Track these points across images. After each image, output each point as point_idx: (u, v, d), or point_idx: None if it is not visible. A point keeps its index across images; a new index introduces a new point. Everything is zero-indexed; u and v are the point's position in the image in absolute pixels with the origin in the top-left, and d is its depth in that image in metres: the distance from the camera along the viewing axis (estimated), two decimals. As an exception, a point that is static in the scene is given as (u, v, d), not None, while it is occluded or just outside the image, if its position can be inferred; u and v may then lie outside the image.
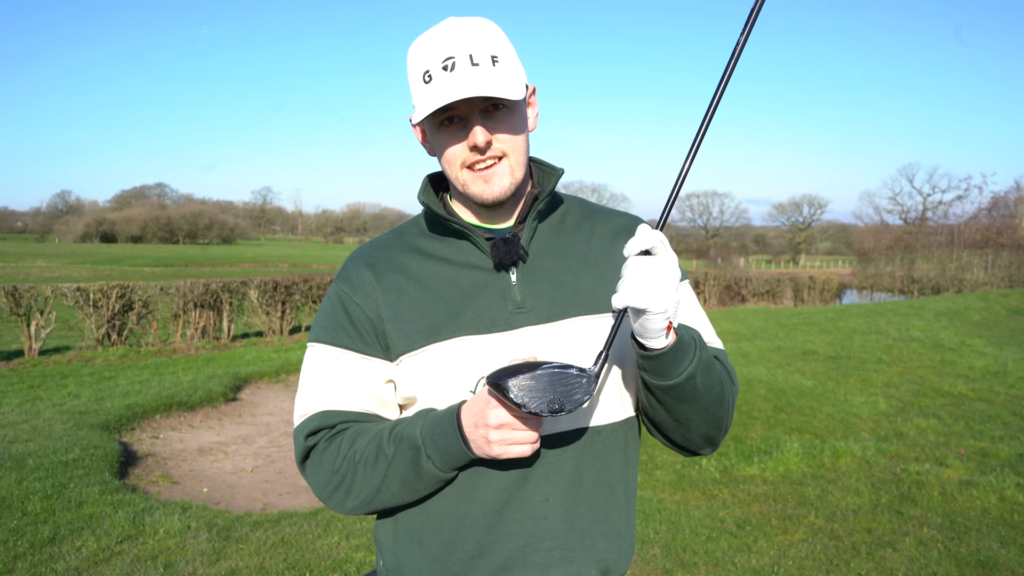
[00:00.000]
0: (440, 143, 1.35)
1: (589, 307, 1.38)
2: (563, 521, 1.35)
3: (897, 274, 38.64)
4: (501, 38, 1.34)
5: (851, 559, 4.42)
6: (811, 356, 12.25)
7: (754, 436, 7.05)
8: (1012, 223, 42.79)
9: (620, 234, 1.46)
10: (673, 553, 4.49)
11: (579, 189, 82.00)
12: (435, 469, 1.30)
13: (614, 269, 1.40)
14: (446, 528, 1.36)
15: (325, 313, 1.45)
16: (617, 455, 1.42)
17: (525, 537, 1.35)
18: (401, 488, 1.34)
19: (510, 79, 1.31)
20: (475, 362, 1.33)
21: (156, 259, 54.50)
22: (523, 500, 1.34)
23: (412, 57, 1.34)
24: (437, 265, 1.40)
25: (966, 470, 6.05)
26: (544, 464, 1.35)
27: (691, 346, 1.28)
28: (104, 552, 4.28)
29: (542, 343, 1.35)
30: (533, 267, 1.39)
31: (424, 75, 1.30)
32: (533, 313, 1.36)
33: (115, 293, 12.86)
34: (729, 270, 38.93)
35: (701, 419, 1.36)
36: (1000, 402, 8.76)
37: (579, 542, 1.37)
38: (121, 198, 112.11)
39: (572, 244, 1.44)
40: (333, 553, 4.36)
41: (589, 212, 1.51)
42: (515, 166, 1.36)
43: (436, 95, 1.28)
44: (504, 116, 1.33)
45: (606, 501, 1.40)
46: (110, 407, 7.74)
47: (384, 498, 1.36)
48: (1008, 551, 4.48)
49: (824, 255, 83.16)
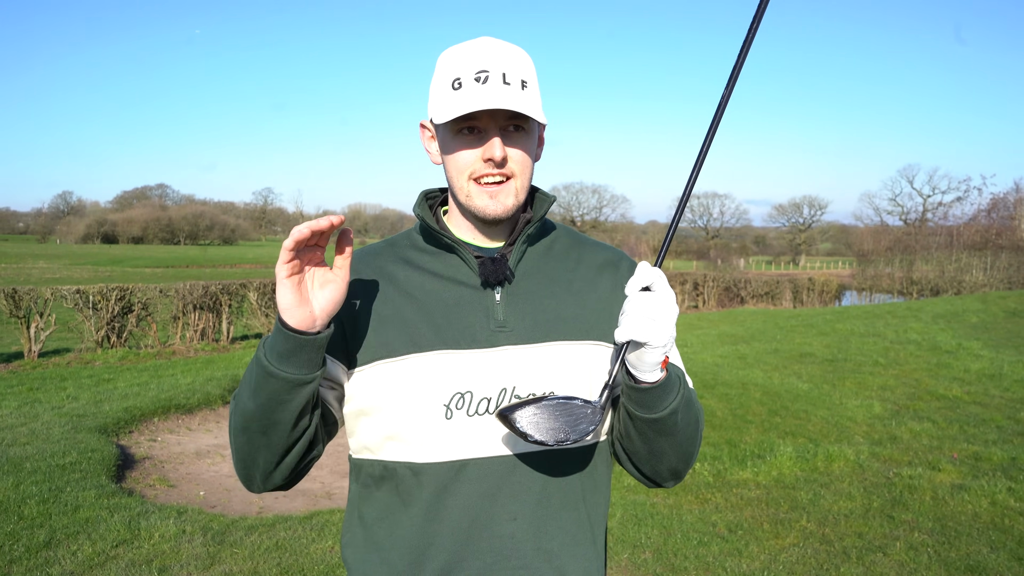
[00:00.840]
0: (453, 150, 1.37)
1: (569, 333, 1.41)
2: (531, 540, 1.36)
3: (896, 275, 38.64)
4: (532, 68, 1.39)
5: (841, 564, 4.45)
6: (808, 359, 12.27)
7: (748, 440, 7.08)
8: (1011, 225, 42.77)
9: (605, 267, 1.51)
10: (664, 558, 4.52)
11: (579, 190, 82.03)
12: (264, 360, 1.25)
13: (596, 299, 1.46)
14: (415, 547, 1.36)
15: None
16: (585, 478, 1.44)
17: (493, 555, 1.35)
18: (248, 397, 1.29)
19: (536, 104, 1.37)
20: (452, 376, 1.34)
21: (157, 260, 54.57)
22: (491, 518, 1.35)
23: (444, 63, 1.37)
24: (424, 277, 1.41)
25: (958, 474, 6.08)
26: (512, 483, 1.36)
27: (676, 382, 1.34)
28: (99, 556, 4.31)
29: (520, 363, 1.37)
30: (518, 288, 1.42)
31: (454, 82, 1.33)
32: (514, 333, 1.38)
33: (114, 295, 12.90)
34: (729, 271, 38.95)
35: (674, 453, 1.40)
36: (995, 405, 8.79)
37: (546, 562, 1.38)
38: (122, 199, 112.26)
39: (558, 271, 1.47)
40: (326, 557, 4.40)
41: (576, 242, 1.55)
42: (520, 188, 1.39)
43: (467, 101, 1.30)
44: (521, 138, 1.37)
45: (573, 522, 1.41)
46: (108, 410, 7.78)
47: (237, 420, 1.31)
48: (998, 556, 4.51)
49: (824, 256, 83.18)
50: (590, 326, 1.43)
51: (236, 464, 1.37)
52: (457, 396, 1.34)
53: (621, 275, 1.50)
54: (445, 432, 1.33)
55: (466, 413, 1.34)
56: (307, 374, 1.25)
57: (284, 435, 1.29)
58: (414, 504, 1.36)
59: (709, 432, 7.31)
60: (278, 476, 1.35)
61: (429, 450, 1.34)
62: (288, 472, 1.35)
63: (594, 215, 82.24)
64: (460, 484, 1.34)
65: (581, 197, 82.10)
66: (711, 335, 16.48)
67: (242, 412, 1.30)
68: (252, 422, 1.28)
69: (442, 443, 1.33)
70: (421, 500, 1.36)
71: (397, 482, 1.37)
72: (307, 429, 1.31)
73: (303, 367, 1.24)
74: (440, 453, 1.34)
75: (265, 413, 1.26)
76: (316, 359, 1.26)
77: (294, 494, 5.87)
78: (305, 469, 1.40)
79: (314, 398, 1.30)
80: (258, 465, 1.33)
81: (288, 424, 1.28)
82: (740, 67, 1.34)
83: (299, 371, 1.24)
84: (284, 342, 1.23)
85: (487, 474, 1.34)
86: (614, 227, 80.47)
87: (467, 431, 1.34)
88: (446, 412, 1.33)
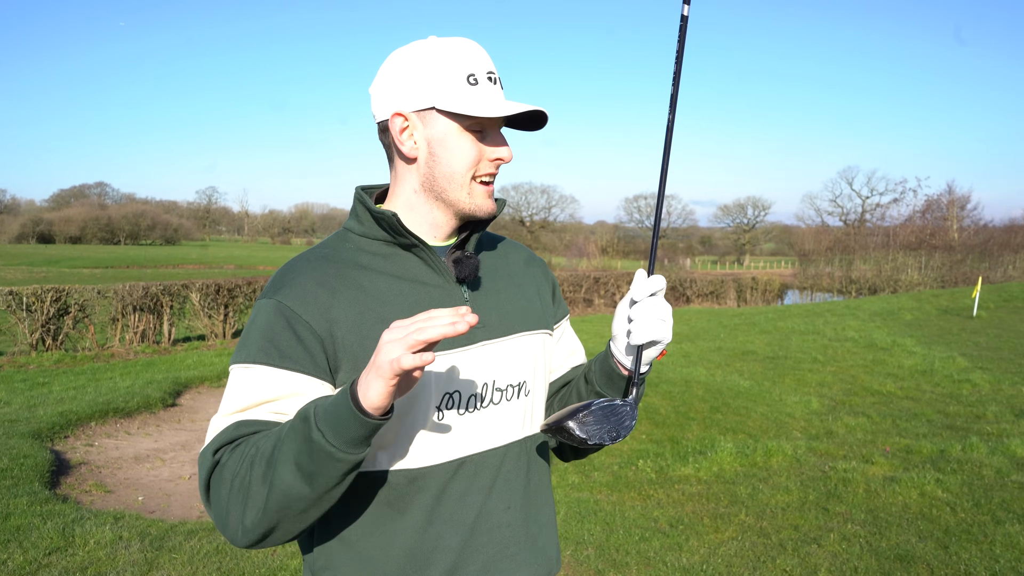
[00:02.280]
0: (458, 146, 1.35)
1: (527, 324, 1.49)
2: (522, 527, 1.44)
3: (836, 275, 39.72)
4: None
5: (777, 556, 4.57)
6: (750, 356, 12.54)
7: (690, 437, 7.21)
8: (944, 226, 44.27)
9: (529, 262, 1.61)
10: (606, 554, 4.58)
11: (529, 190, 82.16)
12: (326, 443, 1.13)
13: (534, 291, 1.56)
14: (416, 554, 1.34)
15: (261, 332, 1.30)
16: (547, 461, 1.56)
17: (495, 547, 1.40)
18: (294, 478, 1.15)
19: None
20: (440, 378, 1.34)
21: (96, 260, 53.08)
22: (490, 511, 1.39)
23: (448, 55, 1.33)
24: (388, 281, 1.37)
25: (890, 467, 6.28)
26: (504, 473, 1.42)
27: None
28: (31, 565, 4.20)
29: (498, 357, 1.42)
30: (477, 285, 1.46)
31: (469, 77, 1.34)
32: (487, 329, 1.41)
33: (50, 296, 12.54)
34: (675, 271, 39.51)
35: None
36: (926, 400, 9.11)
37: (533, 544, 1.46)
38: (59, 197, 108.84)
39: (498, 266, 1.52)
40: (268, 561, 4.35)
41: (494, 240, 1.60)
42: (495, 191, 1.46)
43: (496, 102, 1.34)
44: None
45: (546, 504, 1.52)
46: (43, 414, 7.56)
47: (277, 498, 1.17)
48: (926, 545, 4.68)
49: (768, 256, 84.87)
50: (537, 316, 1.52)
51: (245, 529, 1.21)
52: (447, 396, 1.35)
53: (541, 268, 1.63)
54: (439, 433, 1.35)
55: (456, 412, 1.36)
56: (362, 452, 1.17)
57: (321, 511, 1.21)
58: (411, 511, 1.34)
59: (652, 429, 7.42)
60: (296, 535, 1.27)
61: (425, 454, 1.34)
62: (309, 527, 1.27)
63: (543, 215, 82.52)
64: (458, 482, 1.37)
65: (530, 197, 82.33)
66: (657, 334, 16.68)
67: (286, 493, 1.16)
68: (298, 503, 1.17)
69: (437, 445, 1.35)
70: (420, 505, 1.34)
71: (388, 492, 1.34)
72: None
73: (364, 447, 1.16)
74: (436, 455, 1.35)
75: (319, 496, 1.18)
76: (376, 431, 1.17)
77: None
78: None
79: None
80: (275, 538, 1.23)
81: (334, 501, 1.21)
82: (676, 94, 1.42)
83: (364, 449, 1.17)
84: (361, 429, 1.13)
85: (482, 468, 1.39)
86: (563, 227, 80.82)
87: (459, 429, 1.37)
88: (437, 414, 1.34)
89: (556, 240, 73.42)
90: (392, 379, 1.09)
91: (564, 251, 66.42)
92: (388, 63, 1.37)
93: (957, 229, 43.92)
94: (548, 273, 1.64)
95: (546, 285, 1.60)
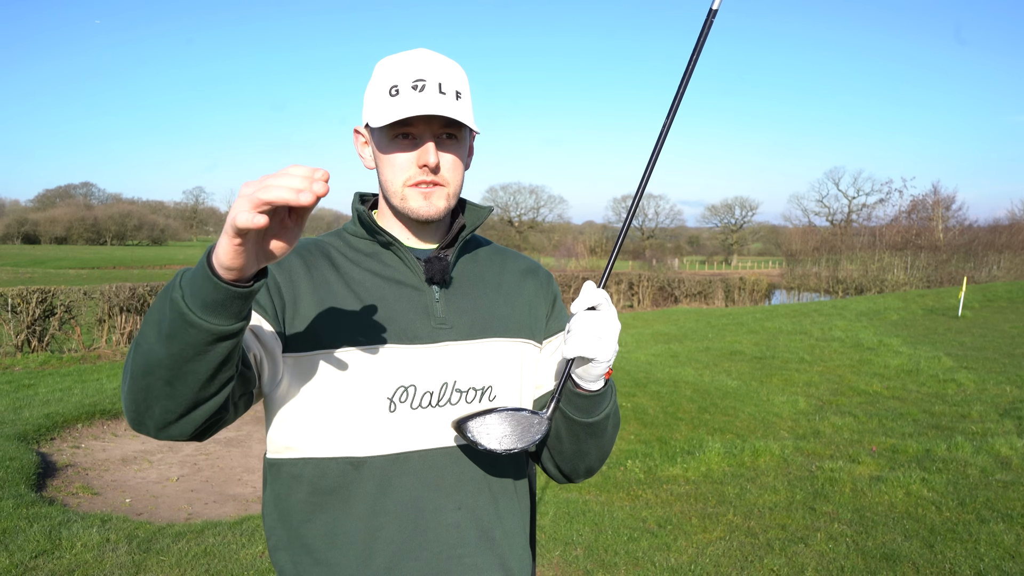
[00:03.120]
0: (388, 155, 1.41)
1: (503, 330, 1.49)
2: (474, 528, 1.42)
3: (823, 275, 39.95)
4: (466, 80, 1.44)
5: (765, 555, 4.60)
6: (738, 356, 12.60)
7: (678, 437, 7.24)
8: (929, 226, 44.54)
9: (527, 273, 1.61)
10: (595, 554, 4.60)
11: (517, 191, 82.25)
12: (182, 302, 1.07)
13: (522, 301, 1.56)
14: (357, 543, 1.36)
15: None
16: (519, 471, 1.54)
17: (440, 545, 1.39)
18: (155, 338, 1.11)
19: (470, 114, 1.43)
20: (396, 370, 1.38)
21: (82, 261, 52.73)
22: (437, 508, 1.39)
23: (381, 71, 1.41)
24: (364, 274, 1.44)
25: (876, 466, 6.33)
26: (456, 473, 1.41)
27: (612, 388, 1.46)
28: (17, 568, 4.17)
29: (461, 359, 1.43)
30: (454, 288, 1.48)
31: (391, 88, 1.37)
32: (454, 330, 1.44)
33: (35, 297, 12.44)
34: (663, 271, 39.65)
35: (596, 453, 1.51)
36: (912, 400, 9.18)
37: (489, 550, 1.43)
38: (44, 197, 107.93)
39: (487, 275, 1.55)
40: (256, 563, 4.34)
41: (499, 251, 1.63)
42: (451, 194, 1.44)
43: (404, 107, 1.35)
44: (453, 146, 1.42)
45: (510, 512, 1.50)
46: (28, 416, 7.51)
47: (141, 361, 1.13)
48: (911, 544, 4.72)
49: (755, 256, 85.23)
50: (520, 325, 1.52)
51: (127, 405, 1.19)
52: (401, 389, 1.38)
53: (540, 281, 1.61)
54: (389, 424, 1.36)
55: (409, 406, 1.38)
56: (233, 324, 1.10)
57: (193, 389, 1.14)
58: (354, 499, 1.37)
59: (640, 429, 7.45)
60: (176, 431, 1.20)
61: (372, 443, 1.36)
62: (190, 429, 1.21)
63: (531, 215, 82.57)
64: (404, 476, 1.38)
65: (519, 198, 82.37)
66: (645, 334, 16.76)
67: (147, 356, 1.12)
68: (158, 370, 1.12)
69: (386, 435, 1.36)
70: (363, 494, 1.37)
71: (333, 478, 1.36)
72: (223, 388, 1.18)
73: (231, 318, 1.09)
74: (384, 445, 1.36)
75: (177, 363, 1.10)
76: (245, 309, 1.11)
77: (224, 499, 5.77)
78: (210, 431, 1.26)
79: (236, 355, 1.16)
80: (153, 414, 1.17)
81: (201, 378, 1.13)
82: (679, 100, 1.45)
83: (226, 322, 1.08)
84: (214, 292, 1.06)
85: (431, 465, 1.39)
86: (551, 227, 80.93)
87: (411, 423, 1.38)
88: (389, 405, 1.37)
89: (544, 240, 73.52)
90: (234, 237, 1.00)
91: (552, 251, 66.54)
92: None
93: (942, 229, 44.21)
94: (550, 287, 1.63)
95: (542, 298, 1.60)
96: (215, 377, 1.14)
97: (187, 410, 1.17)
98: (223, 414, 1.24)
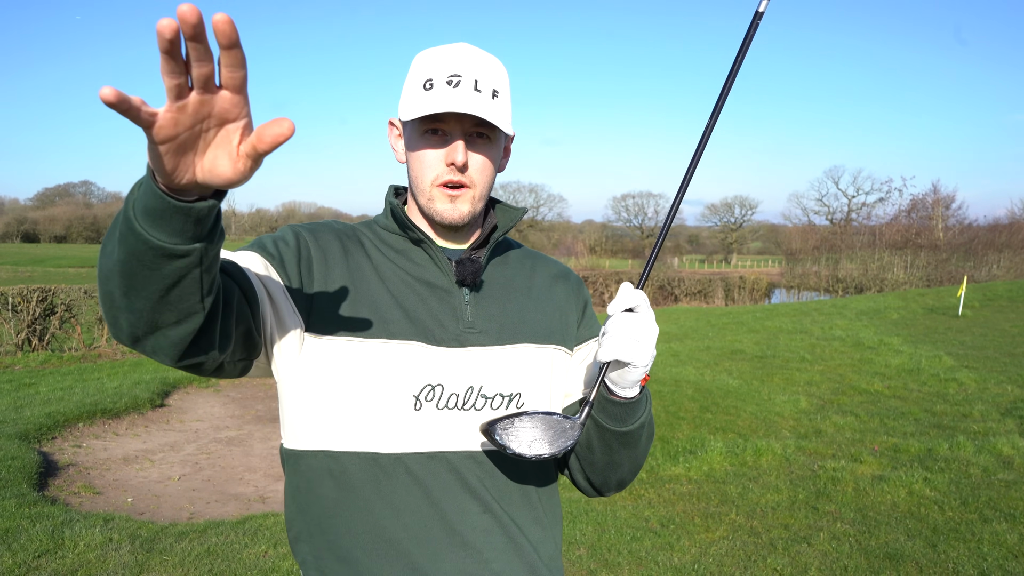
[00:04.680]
0: (417, 149, 1.39)
1: (532, 336, 1.45)
2: (502, 534, 1.39)
3: (823, 274, 39.94)
4: (505, 79, 1.41)
5: (768, 555, 4.60)
6: (738, 355, 12.60)
7: (680, 436, 7.24)
8: (929, 225, 44.52)
9: (558, 278, 1.57)
10: (598, 553, 4.60)
11: (517, 189, 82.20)
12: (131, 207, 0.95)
13: (553, 306, 1.51)
14: (382, 541, 1.33)
15: (269, 236, 1.37)
16: (549, 475, 1.49)
17: (467, 549, 1.36)
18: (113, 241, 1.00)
19: (505, 114, 1.38)
20: (424, 368, 1.35)
21: (81, 260, 52.72)
22: (463, 511, 1.36)
23: (418, 63, 1.38)
24: (395, 270, 1.42)
25: (879, 465, 6.33)
26: (481, 477, 1.37)
27: (647, 397, 1.40)
28: (20, 568, 4.17)
29: (488, 364, 1.39)
30: (484, 292, 1.44)
31: (426, 82, 1.35)
32: (483, 334, 1.40)
33: (35, 296, 12.43)
34: (663, 270, 39.61)
35: (629, 464, 1.45)
36: (913, 399, 9.18)
37: (518, 557, 1.40)
38: (44, 196, 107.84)
39: (517, 279, 1.51)
40: (260, 563, 4.34)
41: (530, 254, 1.59)
42: (478, 197, 1.40)
43: (435, 102, 1.31)
44: (485, 146, 1.38)
45: (537, 520, 1.45)
46: (29, 415, 7.50)
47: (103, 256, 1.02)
48: (914, 543, 4.72)
49: (755, 255, 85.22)
50: (550, 331, 1.48)
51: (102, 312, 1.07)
52: (428, 388, 1.34)
53: (572, 286, 1.57)
54: (414, 423, 1.33)
55: (435, 406, 1.34)
56: (177, 244, 0.95)
57: (147, 307, 1.01)
58: (377, 496, 1.32)
59: (643, 429, 7.45)
60: (149, 348, 1.08)
61: (397, 440, 1.32)
62: (164, 350, 1.08)
63: (532, 214, 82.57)
64: (430, 475, 1.33)
65: (519, 196, 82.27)
66: (646, 333, 16.73)
67: (106, 257, 1.02)
68: (113, 276, 1.00)
69: (411, 433, 1.32)
70: (387, 491, 1.32)
71: (354, 474, 1.32)
72: (187, 319, 1.04)
73: (174, 235, 0.95)
74: (409, 444, 1.32)
75: (126, 272, 0.98)
76: (193, 231, 0.96)
77: (226, 498, 5.77)
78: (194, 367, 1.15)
79: (196, 287, 1.01)
80: (121, 326, 1.05)
81: (153, 296, 1.00)
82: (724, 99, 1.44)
83: (168, 238, 0.95)
84: (151, 198, 0.93)
85: (457, 466, 1.34)
86: (551, 226, 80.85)
87: (436, 424, 1.33)
88: (415, 403, 1.33)
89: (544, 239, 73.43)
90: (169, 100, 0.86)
91: (552, 250, 66.43)
92: None
93: (942, 228, 44.20)
94: (580, 292, 1.59)
95: (573, 304, 1.55)
96: (168, 300, 1.00)
97: (149, 329, 1.04)
98: (202, 351, 1.11)
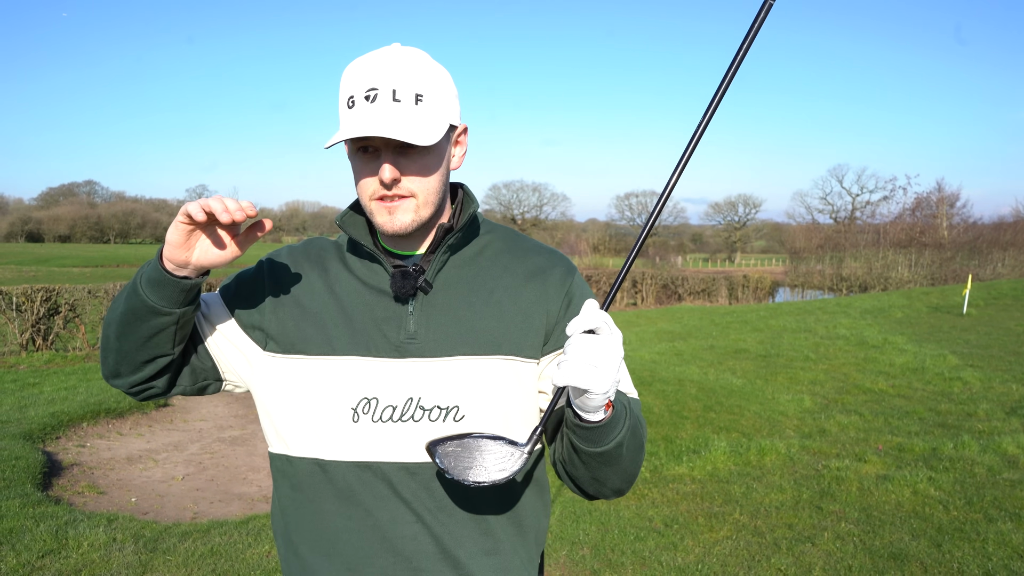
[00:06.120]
0: (355, 170, 1.38)
1: (481, 347, 1.39)
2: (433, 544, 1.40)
3: (827, 272, 39.88)
4: (433, 76, 1.34)
5: (772, 555, 4.58)
6: (742, 355, 12.57)
7: (684, 436, 7.22)
8: (934, 223, 44.40)
9: (533, 276, 1.46)
10: (602, 553, 4.59)
11: (520, 188, 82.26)
12: (139, 275, 1.35)
13: (515, 311, 1.42)
14: (324, 543, 1.42)
15: (236, 274, 1.55)
16: (503, 491, 1.44)
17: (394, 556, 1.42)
18: (122, 295, 1.39)
19: (428, 122, 1.31)
20: (360, 381, 1.38)
21: (85, 259, 52.84)
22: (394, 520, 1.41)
23: (344, 79, 1.36)
24: (353, 282, 1.45)
25: (883, 465, 6.31)
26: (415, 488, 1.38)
27: (622, 415, 1.30)
28: (24, 568, 4.18)
29: (426, 376, 1.37)
30: (433, 300, 1.41)
31: (348, 100, 1.33)
32: (423, 346, 1.38)
33: (40, 296, 12.46)
34: (666, 269, 39.59)
35: (618, 477, 1.38)
36: (917, 398, 9.15)
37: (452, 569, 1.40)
38: (48, 196, 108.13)
39: (479, 280, 1.44)
40: (263, 563, 4.34)
41: (510, 247, 1.50)
42: (421, 205, 1.37)
43: (353, 125, 1.29)
44: (417, 156, 1.33)
45: (480, 532, 1.42)
46: (34, 415, 7.52)
47: (110, 310, 1.42)
48: (919, 543, 4.71)
49: (759, 253, 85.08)
50: (503, 340, 1.40)
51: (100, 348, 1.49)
52: (364, 401, 1.37)
53: (549, 285, 1.46)
54: (351, 434, 1.38)
55: (371, 419, 1.37)
56: (164, 307, 1.33)
57: (133, 349, 1.39)
58: (321, 500, 1.41)
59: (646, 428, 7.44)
60: (121, 383, 1.46)
61: (336, 449, 1.38)
62: (132, 383, 1.45)
63: (534, 213, 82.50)
64: (365, 484, 1.38)
65: (521, 195, 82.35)
66: (649, 332, 16.75)
67: (113, 309, 1.41)
68: (113, 323, 1.40)
69: (349, 444, 1.38)
70: (329, 496, 1.40)
71: (303, 477, 1.42)
72: (159, 358, 1.41)
73: (162, 300, 1.33)
74: (346, 453, 1.38)
75: (124, 322, 1.37)
76: (178, 299, 1.33)
77: (230, 498, 5.77)
78: (147, 392, 1.48)
79: (176, 336, 1.39)
80: (108, 363, 1.45)
81: (138, 342, 1.38)
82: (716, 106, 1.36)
83: (159, 301, 1.33)
84: (154, 271, 1.32)
85: (389, 478, 1.37)
86: (554, 225, 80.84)
87: (371, 435, 1.37)
88: (353, 415, 1.38)
89: (547, 238, 73.42)
90: (182, 218, 1.25)
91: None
92: None
93: (947, 227, 44.08)
94: (562, 288, 1.47)
95: (543, 307, 1.45)
96: (148, 344, 1.38)
97: (132, 368, 1.42)
98: (154, 382, 1.46)
